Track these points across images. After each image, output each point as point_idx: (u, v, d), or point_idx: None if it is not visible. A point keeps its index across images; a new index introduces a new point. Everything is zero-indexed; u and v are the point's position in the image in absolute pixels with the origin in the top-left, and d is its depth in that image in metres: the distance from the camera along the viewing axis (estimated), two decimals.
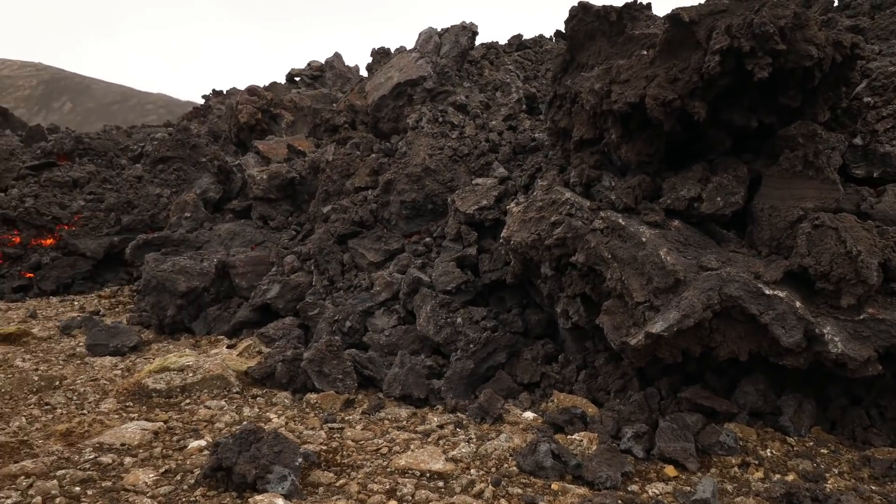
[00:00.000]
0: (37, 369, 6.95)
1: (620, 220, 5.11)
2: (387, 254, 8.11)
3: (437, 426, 5.29)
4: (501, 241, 6.50)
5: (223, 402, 5.79)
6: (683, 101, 4.85)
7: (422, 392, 5.82)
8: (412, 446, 4.82)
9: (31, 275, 12.73)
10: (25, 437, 4.83)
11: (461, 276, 7.03)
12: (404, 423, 5.45)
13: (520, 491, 4.12)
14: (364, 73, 15.66)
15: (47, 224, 13.50)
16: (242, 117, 12.68)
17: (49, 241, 13.28)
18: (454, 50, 10.36)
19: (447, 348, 6.52)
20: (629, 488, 4.21)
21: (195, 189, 12.38)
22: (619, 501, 3.78)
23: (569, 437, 4.83)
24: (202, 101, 30.77)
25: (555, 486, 4.16)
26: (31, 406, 5.70)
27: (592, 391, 5.65)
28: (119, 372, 6.90)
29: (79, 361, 7.34)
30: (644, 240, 4.90)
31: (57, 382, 6.35)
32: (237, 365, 6.50)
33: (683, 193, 5.20)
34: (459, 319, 6.63)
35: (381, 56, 14.09)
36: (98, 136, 21.98)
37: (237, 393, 6.09)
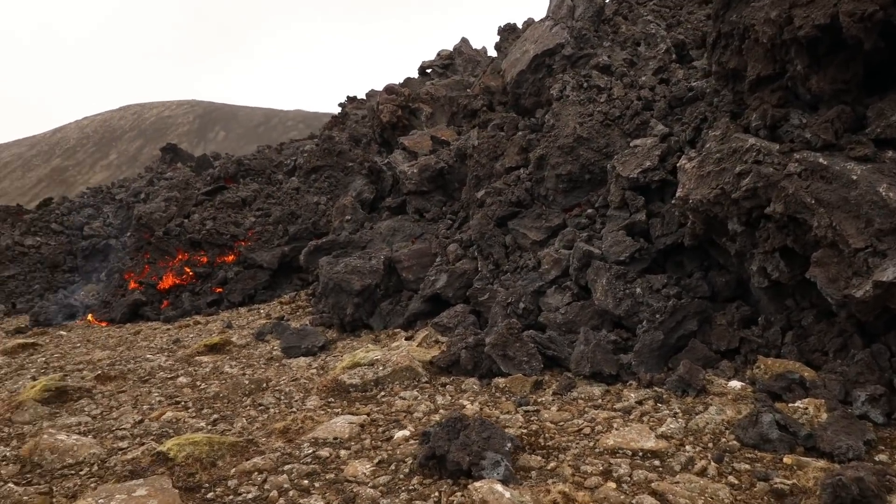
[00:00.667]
0: (244, 374, 7.59)
1: (821, 160, 4.56)
2: (549, 231, 7.95)
3: (636, 402, 5.07)
4: (676, 201, 6.10)
5: (416, 393, 5.95)
6: (886, 11, 4.22)
7: (612, 368, 5.61)
8: (615, 425, 4.65)
9: (220, 290, 14.00)
10: (250, 437, 5.25)
11: (633, 245, 6.71)
12: (599, 401, 5.28)
13: (747, 466, 3.82)
14: (493, 53, 15.52)
15: (227, 242, 14.76)
16: (384, 117, 13.06)
17: (231, 258, 14.52)
18: (589, 10, 9.92)
19: (630, 321, 6.25)
20: (876, 458, 3.76)
21: (350, 192, 12.94)
22: (872, 474, 3.36)
23: (790, 405, 4.41)
24: (339, 110, 32.20)
25: (787, 459, 3.80)
26: (248, 407, 6.21)
27: (805, 353, 5.13)
28: (314, 371, 7.35)
29: (277, 364, 7.93)
30: (855, 178, 4.34)
31: (264, 385, 6.88)
32: (421, 356, 6.67)
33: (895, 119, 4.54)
34: (639, 290, 6.33)
35: (508, 32, 13.86)
36: (254, 157, 23.74)
37: (426, 382, 6.24)
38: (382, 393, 6.08)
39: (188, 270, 14.21)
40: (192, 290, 14.08)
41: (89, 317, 14.07)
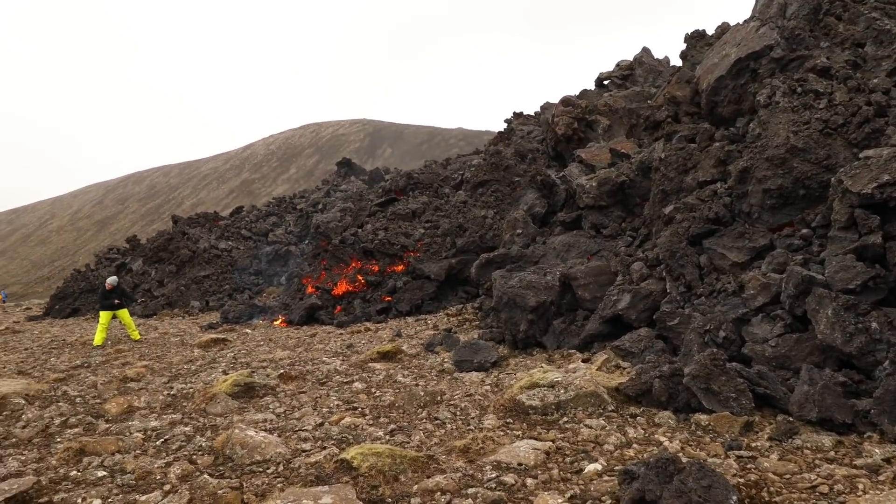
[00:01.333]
0: (417, 384, 7.50)
1: None
2: (752, 251, 7.08)
3: (883, 460, 4.20)
4: None
5: (602, 422, 5.44)
6: None
7: (846, 415, 4.74)
8: (861, 486, 3.85)
9: (389, 298, 14.32)
10: (430, 452, 5.05)
11: (866, 271, 5.71)
12: (832, 453, 4.45)
13: None
14: (676, 62, 14.57)
15: (397, 252, 15.10)
16: (559, 129, 12.67)
17: (400, 268, 14.83)
18: (804, 8, 8.85)
19: (863, 360, 5.29)
20: None
21: (521, 206, 12.66)
22: None
23: None
24: (504, 126, 32.31)
25: None
26: (424, 420, 6.05)
27: None
28: (488, 387, 7.07)
29: (449, 377, 7.77)
30: None
31: (439, 397, 6.72)
32: (605, 381, 6.14)
33: None
34: (875, 324, 5.35)
35: (696, 40, 12.90)
36: (422, 171, 24.35)
37: (613, 411, 5.71)
38: (565, 419, 5.64)
39: (360, 278, 14.72)
40: (364, 297, 14.55)
41: (277, 321, 15.02)
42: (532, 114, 32.04)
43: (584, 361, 7.57)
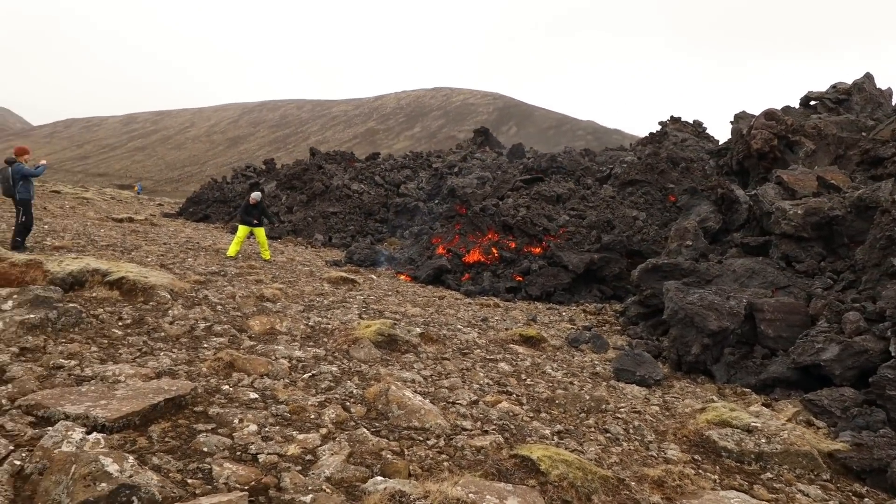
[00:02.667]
0: (572, 383, 6.82)
1: None
2: None
3: None
4: None
5: (819, 492, 4.55)
6: None
7: None
8: None
9: (521, 278, 13.65)
10: (618, 474, 4.37)
11: None
12: None
13: None
14: None
15: (538, 234, 14.36)
16: (756, 143, 11.39)
17: (538, 250, 14.11)
18: None
19: None
20: None
21: (692, 216, 11.57)
22: None
23: None
24: (658, 128, 30.56)
25: None
26: (593, 430, 5.37)
27: None
28: (656, 408, 6.28)
29: (605, 384, 7.03)
30: None
31: (603, 406, 6.01)
32: (816, 442, 5.21)
33: None
34: None
35: None
36: (564, 157, 23.30)
37: (829, 481, 4.79)
38: (768, 475, 4.78)
39: (495, 251, 14.13)
40: (494, 271, 13.96)
41: (397, 272, 14.74)
42: (690, 121, 30.10)
43: (765, 406, 6.60)
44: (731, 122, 13.78)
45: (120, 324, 6.81)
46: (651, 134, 29.65)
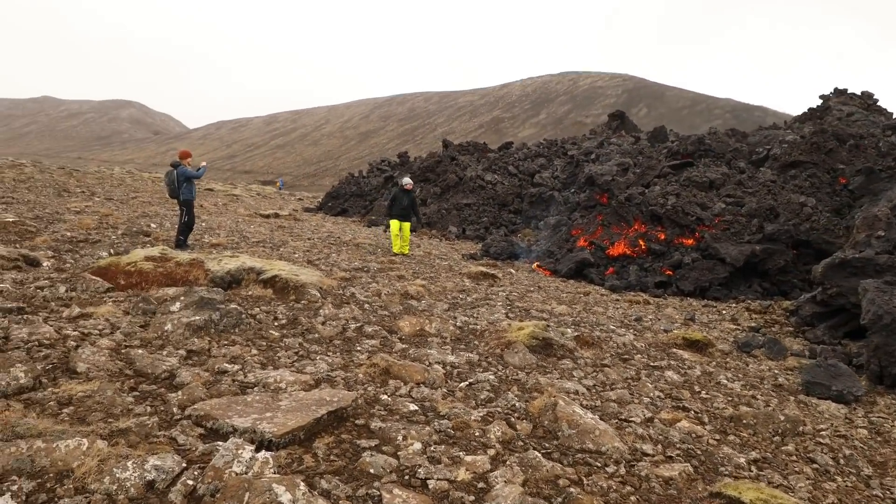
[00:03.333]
0: (755, 397, 6.02)
1: None
2: None
3: None
4: None
5: None
6: None
7: None
8: None
9: (671, 272, 12.69)
10: None
11: None
12: None
13: None
14: None
15: (690, 224, 13.28)
16: None
17: (690, 241, 13.05)
18: None
19: None
20: None
21: (882, 202, 10.09)
22: None
23: None
24: (819, 102, 27.70)
25: None
26: (794, 458, 4.63)
27: None
28: (864, 431, 5.36)
29: (794, 398, 6.15)
30: None
31: (800, 427, 5.20)
32: None
33: None
34: None
35: None
36: (712, 139, 21.59)
37: None
38: None
39: (642, 243, 13.23)
40: (641, 264, 13.08)
41: (535, 265, 14.25)
42: (858, 93, 26.91)
43: None
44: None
45: (276, 324, 6.88)
46: (811, 109, 26.85)
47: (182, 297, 6.64)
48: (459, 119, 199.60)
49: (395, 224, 14.52)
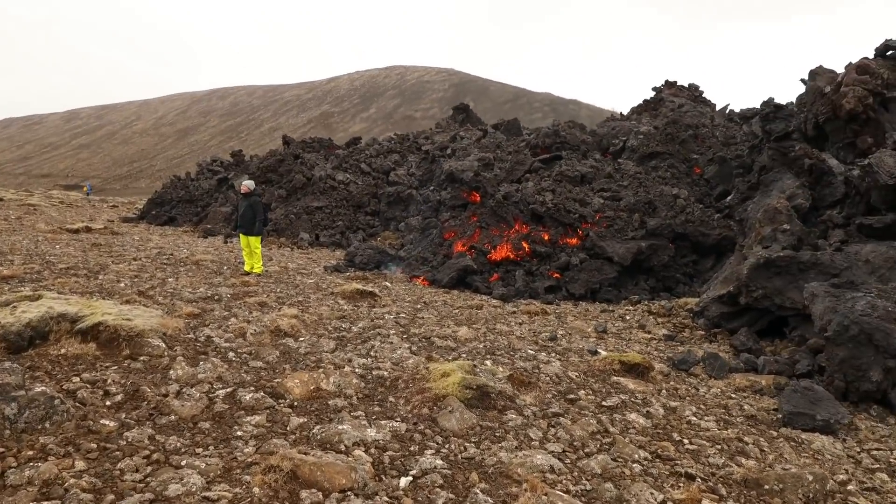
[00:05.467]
0: (744, 442, 5.03)
1: None
2: None
3: None
4: None
5: None
6: None
7: None
8: None
9: (559, 276, 11.85)
10: None
11: None
12: None
13: None
14: None
15: (573, 222, 12.56)
16: (848, 103, 9.65)
17: (575, 241, 12.31)
18: None
19: None
20: None
21: (775, 193, 9.87)
22: None
23: None
24: (652, 94, 29.02)
25: None
26: None
27: None
28: (883, 476, 4.53)
29: (775, 433, 5.25)
30: None
31: (828, 486, 4.22)
32: None
33: None
34: None
35: None
36: (567, 131, 21.50)
37: None
38: None
39: (526, 245, 12.25)
40: (528, 268, 12.11)
41: (419, 279, 12.75)
42: (685, 85, 28.56)
43: None
44: (804, 81, 12.13)
45: (108, 405, 4.76)
46: (645, 101, 28.06)
47: None
48: (287, 114, 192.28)
49: (242, 239, 12.29)
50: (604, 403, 5.75)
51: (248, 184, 12.45)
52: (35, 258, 12.23)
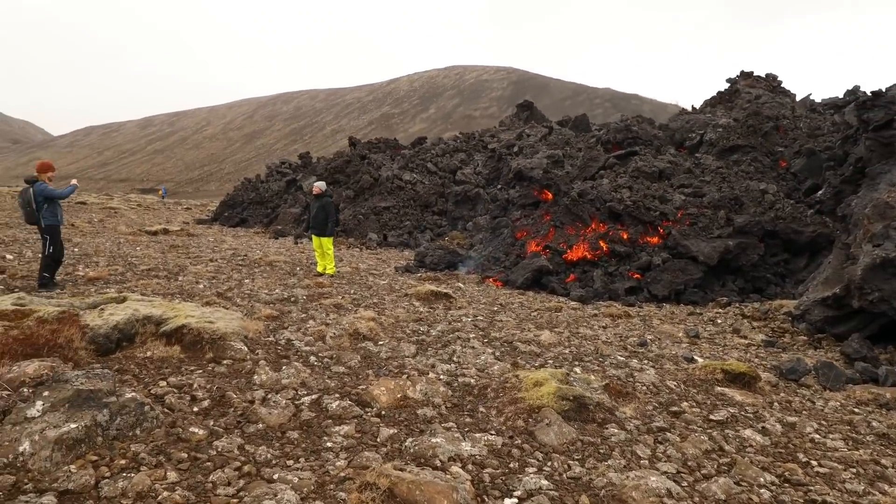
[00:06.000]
0: (879, 462, 4.49)
1: None
2: None
3: None
4: None
5: None
6: None
7: None
8: None
9: (639, 276, 11.31)
10: None
11: None
12: None
13: None
14: None
15: (654, 220, 11.97)
16: None
17: (656, 240, 11.72)
18: None
19: None
20: None
21: (882, 187, 9.08)
22: None
23: None
24: (726, 85, 27.79)
25: None
26: None
27: None
28: None
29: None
30: None
31: None
32: None
33: None
34: None
35: None
36: (638, 126, 20.74)
37: None
38: None
39: (603, 245, 11.75)
40: (605, 268, 11.61)
41: (491, 281, 12.43)
42: (762, 76, 27.20)
43: None
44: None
45: (195, 411, 4.65)
46: (719, 93, 26.88)
47: (47, 392, 4.26)
48: (348, 116, 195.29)
49: (314, 240, 12.27)
50: (711, 417, 5.29)
51: (319, 185, 12.41)
52: (118, 260, 12.56)
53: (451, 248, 14.75)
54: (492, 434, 4.59)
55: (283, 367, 5.81)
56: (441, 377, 5.93)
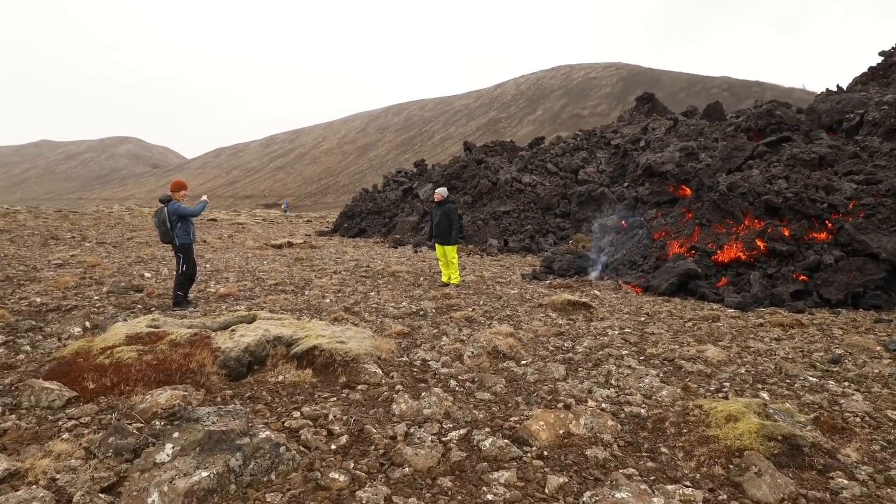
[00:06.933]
0: None
1: None
2: None
3: None
4: None
5: None
6: None
7: None
8: None
9: (806, 278, 9.86)
10: None
11: None
12: None
13: None
14: None
15: (820, 213, 10.45)
16: None
17: (823, 236, 10.21)
18: None
19: None
20: None
21: None
22: None
23: None
24: (880, 59, 24.85)
25: None
26: None
27: None
28: None
29: None
30: None
31: None
32: None
33: None
34: None
35: None
36: (781, 110, 18.73)
37: None
38: None
39: (760, 243, 10.38)
40: (764, 270, 10.23)
41: (630, 287, 11.40)
42: None
43: None
44: None
45: (333, 449, 4.14)
46: (871, 68, 24.01)
47: (177, 434, 3.89)
48: (456, 123, 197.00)
49: (438, 249, 11.79)
50: None
51: (441, 191, 11.92)
52: (247, 275, 12.69)
53: (581, 253, 13.78)
54: (686, 486, 3.73)
55: (423, 394, 5.22)
56: (603, 406, 5.11)
